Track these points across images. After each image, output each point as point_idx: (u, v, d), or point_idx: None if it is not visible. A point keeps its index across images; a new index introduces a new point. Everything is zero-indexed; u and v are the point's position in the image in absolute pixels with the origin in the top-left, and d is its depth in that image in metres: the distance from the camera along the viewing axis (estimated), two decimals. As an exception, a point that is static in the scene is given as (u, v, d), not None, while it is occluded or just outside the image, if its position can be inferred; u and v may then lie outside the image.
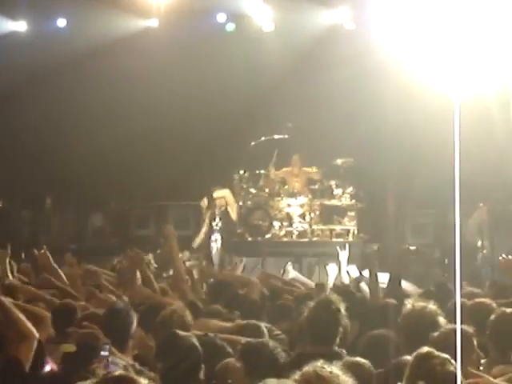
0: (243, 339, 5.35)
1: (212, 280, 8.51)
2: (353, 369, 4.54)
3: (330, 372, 3.75)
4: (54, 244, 12.92)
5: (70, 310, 6.03)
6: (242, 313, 6.65)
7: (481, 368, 4.95)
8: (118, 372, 3.66)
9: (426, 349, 4.15)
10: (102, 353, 4.53)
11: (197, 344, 4.84)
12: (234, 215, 13.96)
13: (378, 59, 14.27)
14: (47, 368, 4.82)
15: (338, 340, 5.37)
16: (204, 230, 14.07)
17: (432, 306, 5.51)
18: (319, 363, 3.82)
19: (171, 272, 8.94)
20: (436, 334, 4.87)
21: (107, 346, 4.57)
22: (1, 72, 15.31)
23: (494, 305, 6.16)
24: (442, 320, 5.37)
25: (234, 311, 6.70)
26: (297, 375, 3.79)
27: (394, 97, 14.10)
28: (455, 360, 4.02)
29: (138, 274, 7.53)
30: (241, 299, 7.24)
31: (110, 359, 4.54)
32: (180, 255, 8.69)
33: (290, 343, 5.97)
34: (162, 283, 8.30)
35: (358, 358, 4.89)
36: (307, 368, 3.79)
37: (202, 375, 4.77)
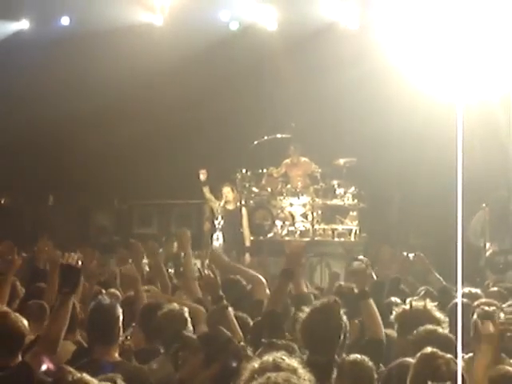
0: None
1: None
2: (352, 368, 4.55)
3: (288, 364, 3.81)
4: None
5: None
6: (247, 312, 6.57)
7: None
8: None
9: (429, 349, 4.14)
10: None
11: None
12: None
13: (382, 59, 14.26)
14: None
15: (337, 349, 5.02)
16: None
17: (429, 304, 5.51)
18: (279, 354, 3.91)
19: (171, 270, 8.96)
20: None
21: None
22: (5, 72, 15.33)
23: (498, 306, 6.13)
24: (439, 317, 5.37)
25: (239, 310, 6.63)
26: (256, 363, 3.86)
27: (397, 97, 14.10)
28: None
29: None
30: (248, 298, 7.14)
31: None
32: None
33: None
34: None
35: (358, 356, 4.71)
36: (267, 357, 3.88)
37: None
